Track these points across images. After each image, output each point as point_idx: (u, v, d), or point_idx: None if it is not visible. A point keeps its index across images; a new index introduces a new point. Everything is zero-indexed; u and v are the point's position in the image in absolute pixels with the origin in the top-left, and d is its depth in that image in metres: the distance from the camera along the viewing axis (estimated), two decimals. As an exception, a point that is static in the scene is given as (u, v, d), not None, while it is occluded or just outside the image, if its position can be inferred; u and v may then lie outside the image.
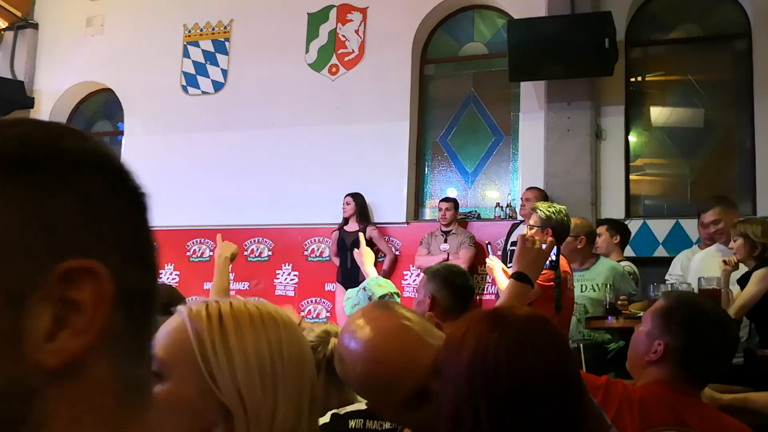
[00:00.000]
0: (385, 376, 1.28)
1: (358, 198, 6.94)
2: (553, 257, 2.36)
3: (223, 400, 0.98)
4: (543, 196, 6.12)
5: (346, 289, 6.58)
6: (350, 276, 6.73)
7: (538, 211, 3.89)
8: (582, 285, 4.37)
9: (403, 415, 1.30)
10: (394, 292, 3.35)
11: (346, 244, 6.84)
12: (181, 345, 1.00)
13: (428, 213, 7.38)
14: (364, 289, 3.40)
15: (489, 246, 3.45)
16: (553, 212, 3.85)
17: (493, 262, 3.14)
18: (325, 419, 1.90)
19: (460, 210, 6.80)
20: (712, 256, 4.37)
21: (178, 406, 0.99)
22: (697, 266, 4.43)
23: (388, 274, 6.93)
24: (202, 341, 1.00)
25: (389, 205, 7.12)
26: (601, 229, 5.17)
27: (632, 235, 6.09)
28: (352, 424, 1.85)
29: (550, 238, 2.34)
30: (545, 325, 1.23)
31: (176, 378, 1.00)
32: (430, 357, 1.27)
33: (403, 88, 7.29)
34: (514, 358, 1.14)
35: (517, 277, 2.11)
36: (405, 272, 6.96)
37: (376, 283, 3.37)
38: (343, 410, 1.89)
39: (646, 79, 7.03)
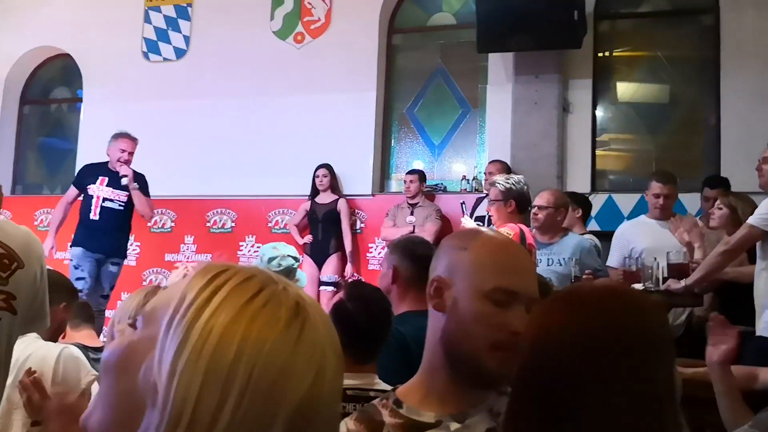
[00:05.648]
0: (493, 262, 1.30)
1: (331, 169, 6.84)
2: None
3: None
4: (506, 168, 6.10)
5: (316, 262, 6.55)
6: (321, 248, 6.64)
7: (497, 184, 3.92)
8: (549, 259, 4.36)
9: (480, 303, 1.29)
10: (288, 254, 3.36)
11: (317, 217, 6.73)
12: None
13: (394, 185, 7.31)
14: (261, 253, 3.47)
15: (464, 206, 3.42)
16: (513, 183, 3.88)
17: (468, 222, 3.11)
18: None
19: (427, 183, 6.72)
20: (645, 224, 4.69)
21: None
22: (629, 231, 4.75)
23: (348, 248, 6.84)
24: None
25: (355, 177, 7.03)
26: None
27: (598, 209, 6.10)
28: None
29: None
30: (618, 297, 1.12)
31: None
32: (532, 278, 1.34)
33: (370, 57, 7.18)
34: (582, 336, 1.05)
35: None
36: (370, 245, 6.89)
37: (271, 247, 3.44)
38: None
39: (614, 53, 7.00)
